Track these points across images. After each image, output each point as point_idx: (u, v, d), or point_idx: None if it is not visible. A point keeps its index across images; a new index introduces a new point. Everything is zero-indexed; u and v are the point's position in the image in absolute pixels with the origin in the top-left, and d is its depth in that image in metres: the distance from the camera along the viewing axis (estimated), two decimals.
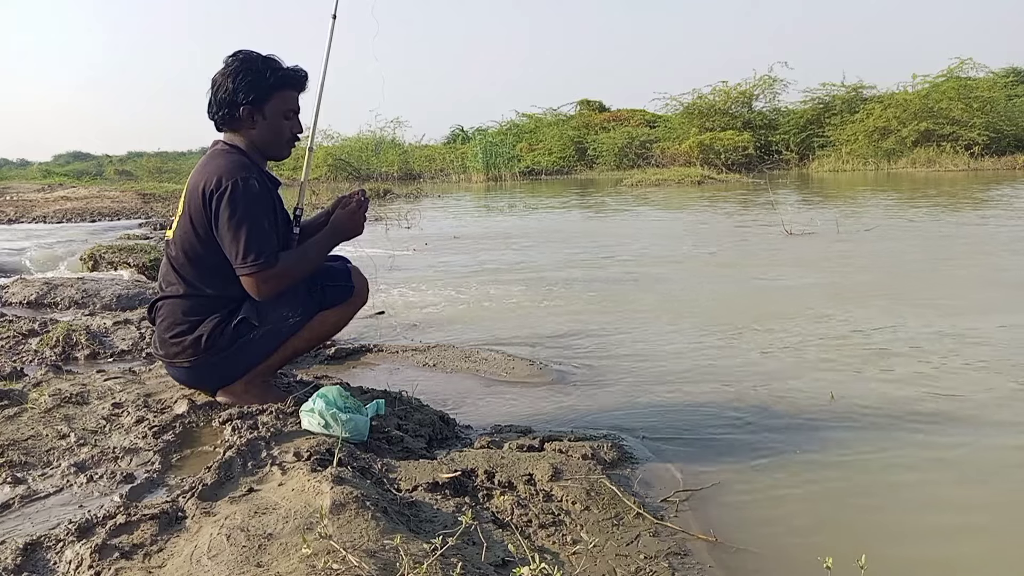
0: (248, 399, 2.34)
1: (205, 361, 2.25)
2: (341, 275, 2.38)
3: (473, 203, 15.65)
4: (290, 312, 2.28)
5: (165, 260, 2.32)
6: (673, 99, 26.39)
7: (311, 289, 2.32)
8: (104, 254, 6.27)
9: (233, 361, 2.27)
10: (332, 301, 2.34)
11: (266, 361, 2.33)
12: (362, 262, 2.78)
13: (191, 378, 2.35)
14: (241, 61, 2.29)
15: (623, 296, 4.95)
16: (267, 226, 2.19)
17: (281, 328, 2.28)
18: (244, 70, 2.27)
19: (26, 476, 1.94)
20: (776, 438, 2.48)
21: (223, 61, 2.33)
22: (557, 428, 2.52)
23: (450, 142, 32.46)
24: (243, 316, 2.23)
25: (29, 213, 11.96)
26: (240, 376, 2.32)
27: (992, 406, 2.72)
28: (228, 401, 2.36)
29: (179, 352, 2.26)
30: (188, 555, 1.47)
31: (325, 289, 2.33)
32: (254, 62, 2.29)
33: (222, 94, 2.27)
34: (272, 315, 2.26)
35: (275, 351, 2.31)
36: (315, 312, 2.32)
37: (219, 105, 2.29)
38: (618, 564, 1.66)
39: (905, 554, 1.79)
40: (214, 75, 2.30)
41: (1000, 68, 24.52)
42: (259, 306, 2.25)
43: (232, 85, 2.26)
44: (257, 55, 2.31)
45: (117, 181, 26.43)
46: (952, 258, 5.96)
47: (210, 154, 2.32)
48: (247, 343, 2.25)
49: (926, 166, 20.02)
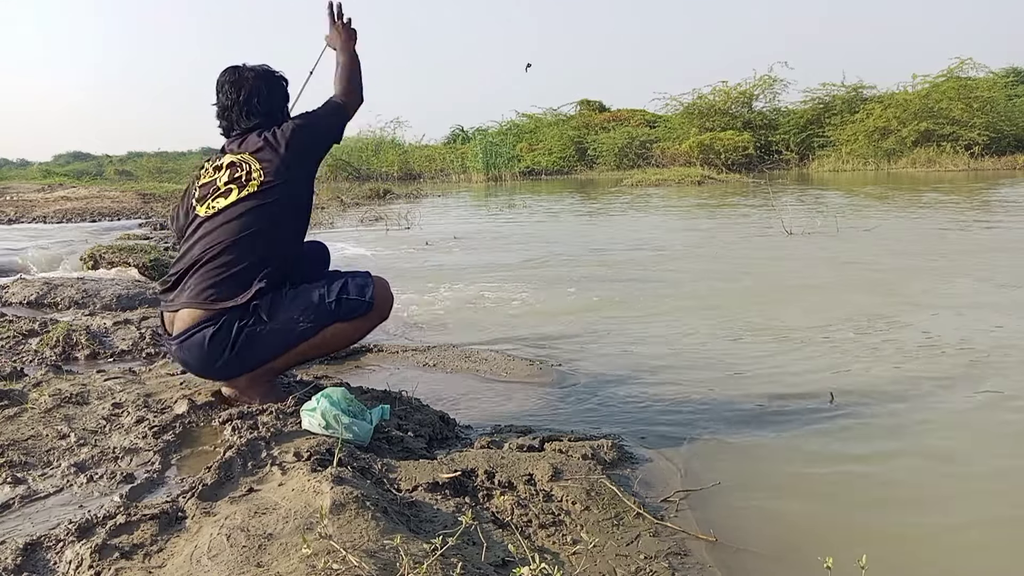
0: (251, 395, 2.33)
1: (226, 322, 2.23)
2: (362, 290, 2.33)
3: (473, 203, 15.65)
4: (301, 317, 2.26)
5: (215, 232, 2.31)
6: (673, 99, 26.47)
7: (325, 299, 2.28)
8: (104, 254, 6.26)
9: (241, 354, 2.25)
10: (349, 314, 2.30)
11: (273, 361, 2.31)
12: (362, 262, 2.77)
13: (203, 359, 2.27)
14: (257, 71, 2.49)
15: (623, 296, 4.95)
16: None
17: (290, 330, 2.26)
18: (266, 75, 2.49)
19: (26, 476, 1.94)
20: (776, 438, 2.48)
21: (232, 74, 2.46)
22: (557, 428, 2.52)
23: (450, 142, 32.47)
24: (256, 303, 2.23)
25: (29, 213, 11.96)
26: (246, 370, 2.31)
27: (993, 406, 2.72)
28: (231, 394, 2.35)
29: (213, 295, 2.24)
30: (188, 555, 1.47)
31: (342, 302, 2.29)
32: (266, 69, 2.53)
33: (261, 101, 2.45)
34: (282, 315, 2.25)
35: (283, 353, 2.30)
36: (329, 323, 2.29)
37: (259, 113, 2.45)
38: (618, 564, 1.66)
39: (905, 554, 1.79)
40: (236, 86, 2.44)
41: (1000, 68, 24.61)
42: (272, 299, 2.26)
43: (268, 90, 2.47)
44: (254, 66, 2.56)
45: (117, 181, 26.43)
46: (952, 258, 5.96)
47: (262, 133, 2.43)
48: (255, 335, 2.24)
49: (926, 166, 20.03)
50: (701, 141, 22.88)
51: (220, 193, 2.34)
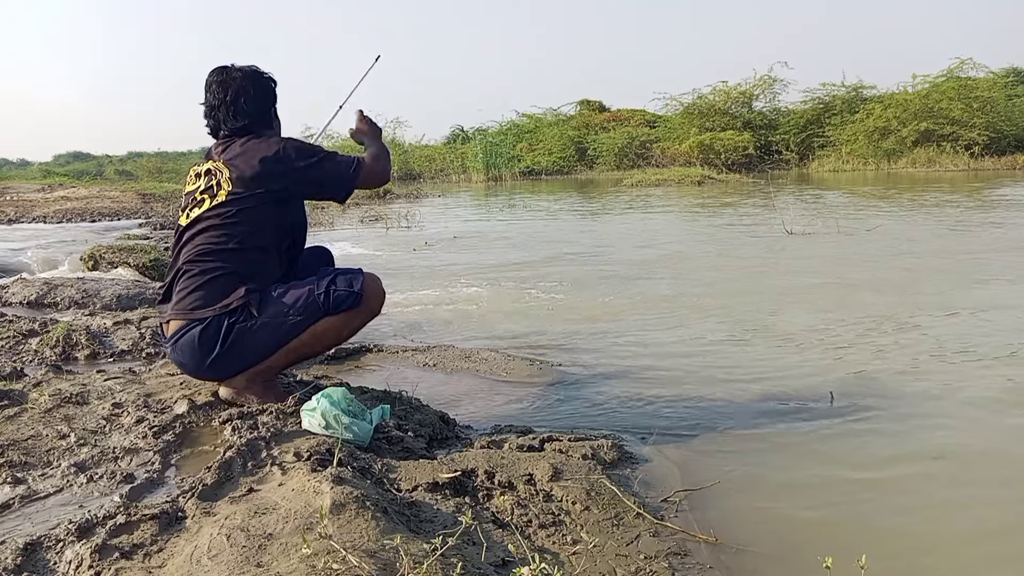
0: (249, 395, 2.33)
1: (217, 323, 2.24)
2: (351, 282, 2.34)
3: (473, 203, 15.65)
4: (290, 311, 2.27)
5: (192, 241, 2.33)
6: (673, 99, 26.43)
7: (314, 292, 2.30)
8: (104, 254, 6.27)
9: (233, 351, 2.26)
10: (337, 307, 2.31)
11: (267, 360, 2.31)
12: (362, 262, 2.78)
13: (195, 357, 2.28)
14: (245, 71, 2.47)
15: (623, 296, 4.95)
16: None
17: (280, 324, 2.26)
18: (254, 75, 2.47)
19: (26, 476, 1.94)
20: (776, 438, 2.48)
21: (220, 74, 2.46)
22: (557, 428, 2.52)
23: (450, 142, 32.44)
24: (246, 301, 2.24)
25: (29, 213, 11.96)
26: (241, 368, 2.31)
27: (994, 406, 2.72)
28: (229, 396, 2.35)
29: (197, 303, 2.26)
30: (188, 555, 1.47)
31: (330, 295, 2.30)
32: (254, 69, 2.51)
33: (248, 101, 2.43)
34: (271, 308, 2.26)
35: (276, 350, 2.30)
36: (319, 317, 2.29)
37: (246, 114, 2.43)
38: (618, 564, 1.66)
39: (905, 554, 1.79)
40: (224, 86, 2.43)
41: (1000, 68, 24.58)
42: (261, 298, 2.27)
43: (255, 90, 2.45)
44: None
45: (117, 181, 26.42)
46: (953, 257, 5.96)
47: (247, 141, 2.41)
48: (245, 331, 2.24)
49: (926, 166, 20.03)
50: (701, 141, 22.87)
51: (196, 203, 2.37)
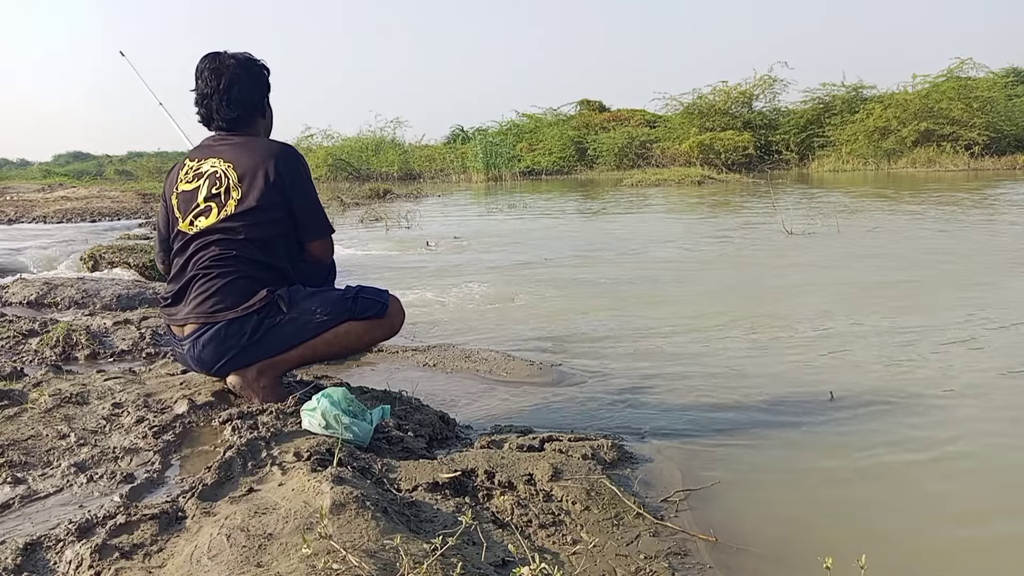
0: (256, 388, 2.32)
1: (242, 321, 2.23)
2: (378, 294, 2.38)
3: (473, 203, 15.65)
4: (319, 308, 2.28)
5: (205, 250, 2.29)
6: (673, 99, 26.43)
7: (344, 294, 2.33)
8: (104, 254, 6.27)
9: (258, 345, 2.26)
10: (363, 313, 2.32)
11: (285, 354, 2.31)
12: (363, 262, 2.77)
13: (218, 352, 2.28)
14: (238, 58, 2.39)
15: (623, 296, 4.95)
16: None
17: (307, 322, 2.28)
18: (248, 63, 2.40)
19: (26, 476, 1.94)
20: (776, 438, 2.48)
21: (212, 61, 2.38)
22: (557, 428, 2.52)
23: (450, 142, 32.44)
24: (274, 298, 2.25)
25: (29, 213, 11.96)
26: (260, 358, 2.30)
27: (994, 406, 2.72)
28: (237, 384, 2.34)
29: (219, 306, 2.25)
30: (188, 555, 1.47)
31: (359, 299, 2.32)
32: (248, 57, 2.43)
33: (241, 89, 2.36)
34: (300, 305, 2.28)
35: (296, 346, 2.30)
36: (344, 319, 2.31)
37: (239, 103, 2.37)
38: (618, 564, 1.66)
39: (905, 554, 1.79)
40: (216, 73, 2.35)
41: (1000, 68, 24.59)
42: (290, 295, 2.28)
43: (249, 78, 2.38)
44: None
45: (117, 181, 26.46)
46: (953, 258, 5.96)
47: (246, 141, 2.36)
48: (273, 326, 2.25)
49: (926, 166, 20.03)
50: (701, 141, 22.87)
51: (200, 211, 2.30)
